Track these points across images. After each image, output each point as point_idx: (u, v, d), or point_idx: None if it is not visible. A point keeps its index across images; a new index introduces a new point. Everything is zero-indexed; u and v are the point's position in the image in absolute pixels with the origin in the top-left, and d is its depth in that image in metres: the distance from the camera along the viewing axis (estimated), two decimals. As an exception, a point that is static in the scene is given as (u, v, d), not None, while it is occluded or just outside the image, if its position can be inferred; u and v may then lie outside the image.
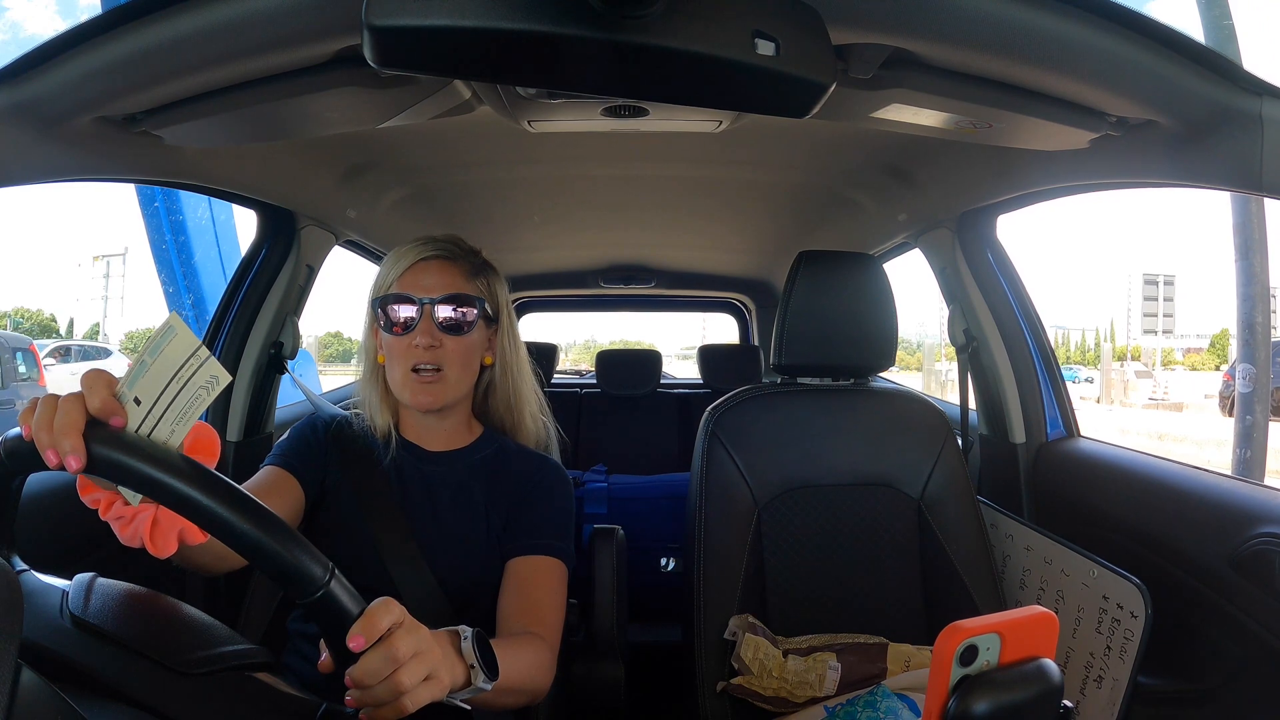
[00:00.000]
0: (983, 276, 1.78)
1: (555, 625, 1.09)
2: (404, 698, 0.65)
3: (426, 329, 1.11)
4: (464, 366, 1.15)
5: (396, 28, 0.61)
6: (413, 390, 1.12)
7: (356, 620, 0.63)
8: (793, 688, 1.21)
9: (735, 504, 1.38)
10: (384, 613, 0.64)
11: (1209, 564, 1.24)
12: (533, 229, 2.52)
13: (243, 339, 1.72)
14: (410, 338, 1.11)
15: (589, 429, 3.21)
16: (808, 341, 1.46)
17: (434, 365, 1.12)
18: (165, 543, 0.69)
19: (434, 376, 1.12)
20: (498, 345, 1.22)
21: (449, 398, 1.15)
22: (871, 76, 0.94)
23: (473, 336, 1.15)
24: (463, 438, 1.22)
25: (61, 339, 17.70)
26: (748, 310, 3.82)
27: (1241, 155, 0.84)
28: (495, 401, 1.26)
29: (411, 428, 1.21)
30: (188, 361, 0.60)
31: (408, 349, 1.11)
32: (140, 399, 0.60)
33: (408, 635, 0.66)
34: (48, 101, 0.85)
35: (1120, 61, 0.81)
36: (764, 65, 0.66)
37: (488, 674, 0.78)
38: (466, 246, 1.20)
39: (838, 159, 1.76)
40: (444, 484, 1.18)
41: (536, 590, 1.10)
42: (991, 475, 1.87)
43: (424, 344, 1.10)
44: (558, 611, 1.10)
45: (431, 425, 1.20)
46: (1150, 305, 21.09)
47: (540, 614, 1.07)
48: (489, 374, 1.24)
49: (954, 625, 0.59)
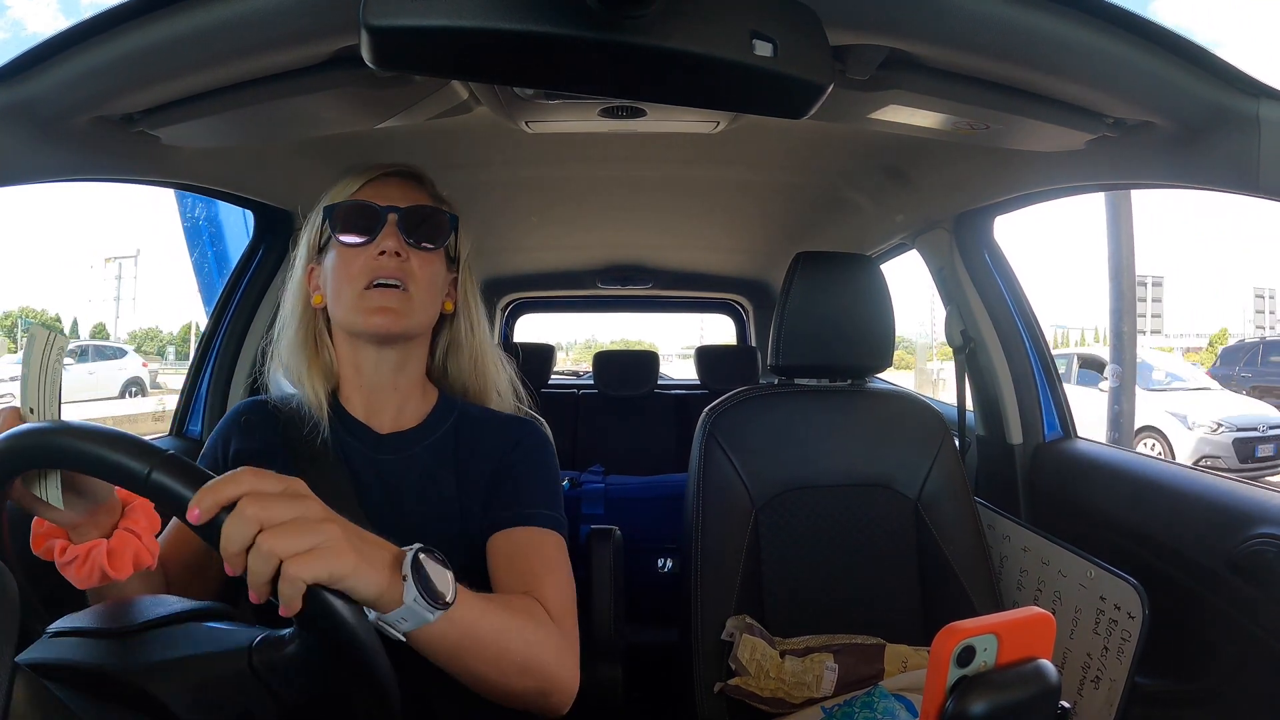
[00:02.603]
0: (980, 277, 1.78)
1: (562, 602, 0.89)
2: (287, 567, 0.56)
3: (391, 234, 0.96)
4: (429, 289, 0.99)
5: (394, 28, 0.61)
6: (370, 308, 0.94)
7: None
8: (790, 688, 1.21)
9: (732, 505, 1.38)
10: (230, 481, 0.58)
11: (1206, 564, 1.24)
12: (530, 230, 2.52)
13: (239, 339, 1.72)
14: (371, 248, 0.95)
15: (586, 430, 3.21)
16: (805, 342, 1.46)
17: (397, 280, 0.95)
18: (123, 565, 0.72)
19: (397, 294, 0.95)
20: (459, 293, 1.06)
21: (411, 323, 0.97)
22: (869, 77, 0.94)
23: (440, 260, 1.01)
24: (417, 407, 1.04)
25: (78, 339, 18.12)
26: (745, 311, 3.82)
27: (1238, 157, 0.84)
28: (459, 363, 1.09)
29: (356, 395, 1.02)
30: (43, 347, 0.67)
31: (368, 262, 0.95)
32: (34, 408, 0.67)
33: (277, 502, 0.59)
34: (45, 101, 0.85)
35: (1117, 63, 0.81)
36: (762, 66, 0.66)
37: (430, 599, 0.65)
38: (429, 175, 1.08)
39: (835, 160, 1.76)
40: (406, 475, 1.00)
41: (529, 562, 0.92)
42: (989, 476, 1.87)
43: (391, 249, 0.95)
44: (563, 588, 0.91)
45: (383, 383, 1.01)
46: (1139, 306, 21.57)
47: (539, 590, 0.88)
48: (448, 330, 1.08)
49: (951, 626, 0.59)
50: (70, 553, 0.72)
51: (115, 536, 0.73)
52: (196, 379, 1.73)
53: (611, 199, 2.20)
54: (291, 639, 0.62)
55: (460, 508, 0.99)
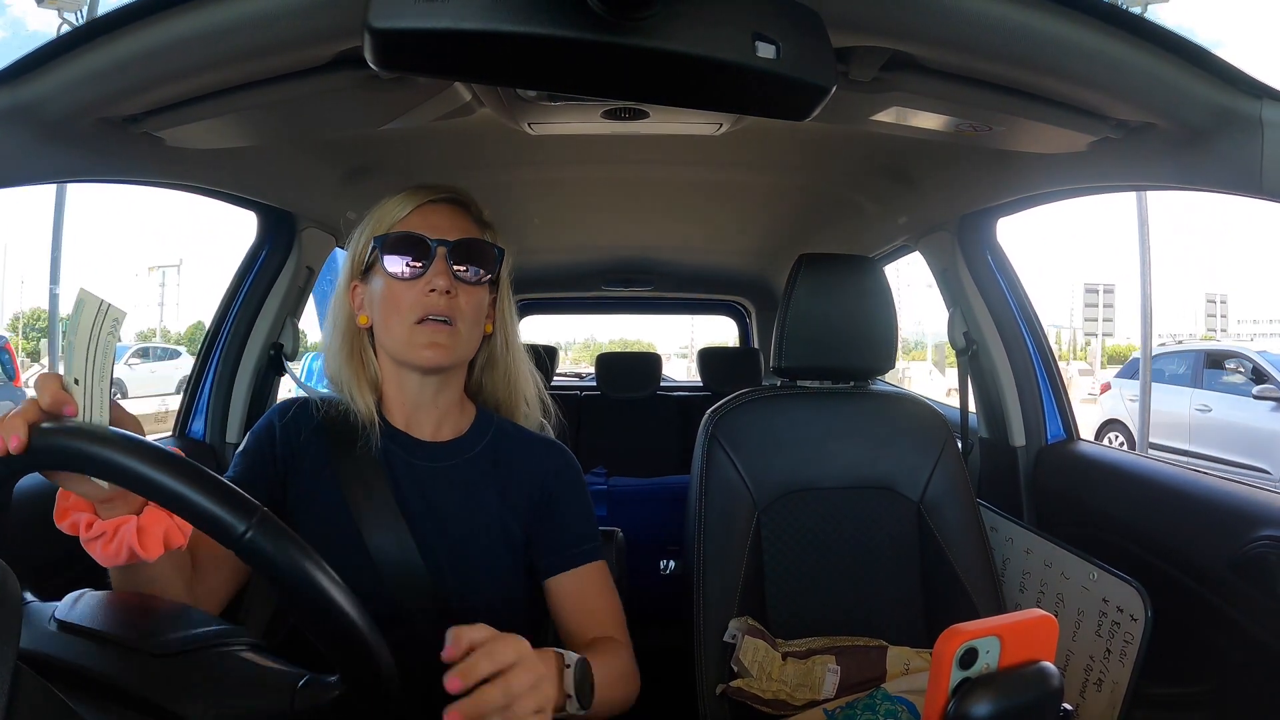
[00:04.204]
0: (983, 279, 1.78)
1: (621, 622, 1.06)
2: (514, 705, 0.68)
3: (443, 271, 0.97)
4: (474, 323, 1.01)
5: (397, 30, 0.61)
6: (420, 343, 0.97)
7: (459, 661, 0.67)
8: (792, 690, 1.21)
9: (735, 507, 1.38)
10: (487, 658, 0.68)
11: (1209, 567, 1.24)
12: (533, 231, 2.52)
13: (243, 340, 1.73)
14: (422, 283, 0.96)
15: (589, 431, 3.21)
16: (807, 344, 1.45)
17: (446, 317, 0.97)
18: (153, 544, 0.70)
19: (446, 331, 0.97)
20: (497, 313, 1.08)
21: (459, 355, 1.01)
22: (872, 79, 0.94)
23: (484, 290, 1.03)
24: (456, 421, 1.07)
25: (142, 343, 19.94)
26: (747, 312, 3.82)
27: (1241, 159, 0.84)
28: (494, 378, 1.12)
29: (398, 409, 1.05)
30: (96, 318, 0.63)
31: (419, 297, 0.96)
32: (78, 379, 0.63)
33: (526, 671, 0.70)
34: (49, 103, 0.85)
35: (1120, 65, 0.81)
36: (764, 68, 0.66)
37: (582, 704, 0.80)
38: (473, 197, 1.09)
39: (838, 162, 1.76)
40: (448, 484, 1.03)
41: (593, 600, 1.04)
42: (991, 478, 1.87)
43: (441, 287, 0.96)
44: (619, 609, 1.07)
45: (424, 402, 1.04)
46: (1091, 311, 23.67)
47: (607, 623, 1.03)
48: (486, 348, 1.10)
49: (953, 628, 0.59)
50: (97, 528, 0.69)
51: (145, 513, 0.70)
52: (199, 380, 1.74)
53: (614, 201, 2.21)
54: (338, 685, 0.61)
55: (501, 522, 1.03)
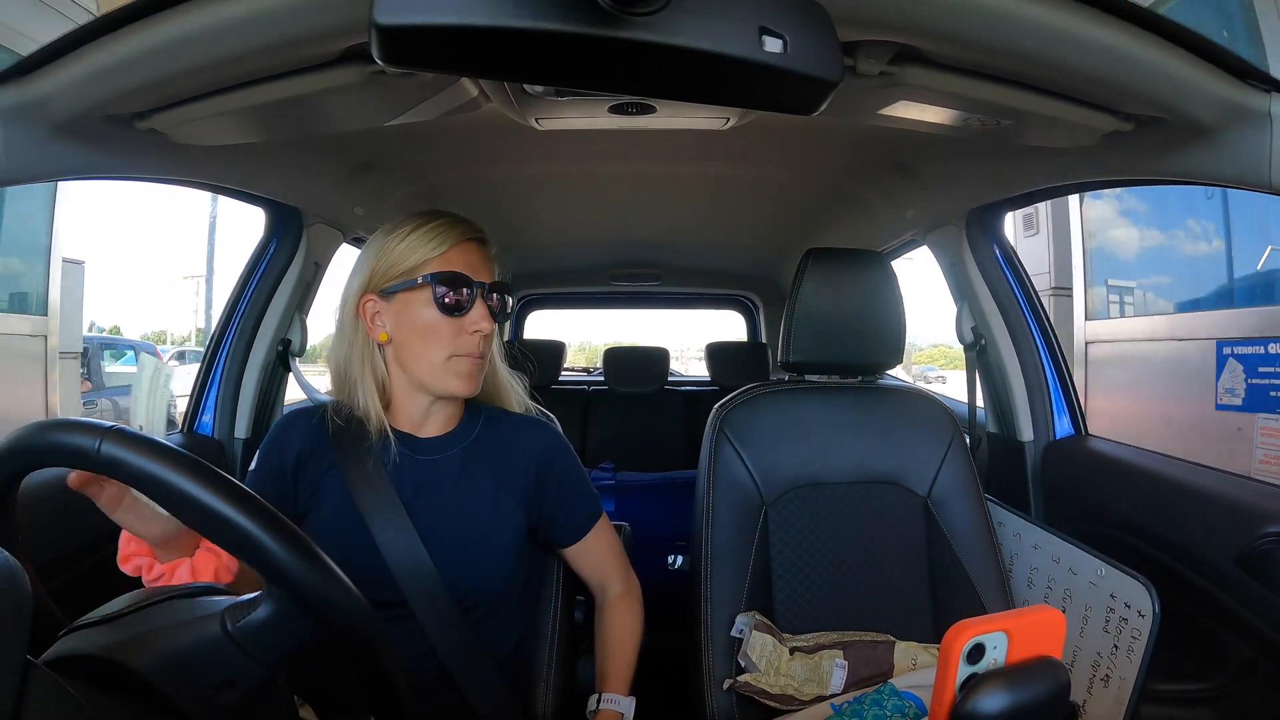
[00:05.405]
0: (990, 274, 1.77)
1: (628, 568, 1.27)
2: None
3: (484, 315, 1.07)
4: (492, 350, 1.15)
5: (404, 26, 0.61)
6: (457, 375, 1.07)
7: None
8: (799, 685, 1.21)
9: (742, 501, 1.38)
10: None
11: (1217, 563, 1.23)
12: (540, 226, 2.52)
13: (250, 336, 1.74)
14: (467, 322, 1.06)
15: (597, 426, 3.21)
16: (815, 339, 1.45)
17: (481, 354, 1.09)
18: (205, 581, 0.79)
19: (477, 365, 1.09)
20: None
21: (479, 384, 1.11)
22: (879, 73, 0.94)
23: None
24: (453, 418, 1.17)
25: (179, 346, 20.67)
26: (755, 307, 3.81)
27: (1250, 153, 0.84)
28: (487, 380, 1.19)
29: (404, 417, 1.13)
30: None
31: (459, 333, 1.06)
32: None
33: None
34: (56, 100, 0.85)
35: (1130, 58, 0.80)
36: (771, 62, 0.66)
37: None
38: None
39: (845, 156, 1.75)
40: (445, 474, 1.12)
41: (600, 556, 1.24)
42: (999, 473, 1.86)
43: (486, 331, 1.07)
44: (619, 551, 1.27)
45: (434, 410, 1.14)
46: None
47: (614, 572, 1.25)
48: None
49: (961, 623, 0.59)
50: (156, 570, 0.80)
51: (197, 555, 0.82)
52: (208, 376, 1.75)
53: (621, 195, 2.20)
54: (260, 600, 0.62)
55: (497, 503, 1.13)
